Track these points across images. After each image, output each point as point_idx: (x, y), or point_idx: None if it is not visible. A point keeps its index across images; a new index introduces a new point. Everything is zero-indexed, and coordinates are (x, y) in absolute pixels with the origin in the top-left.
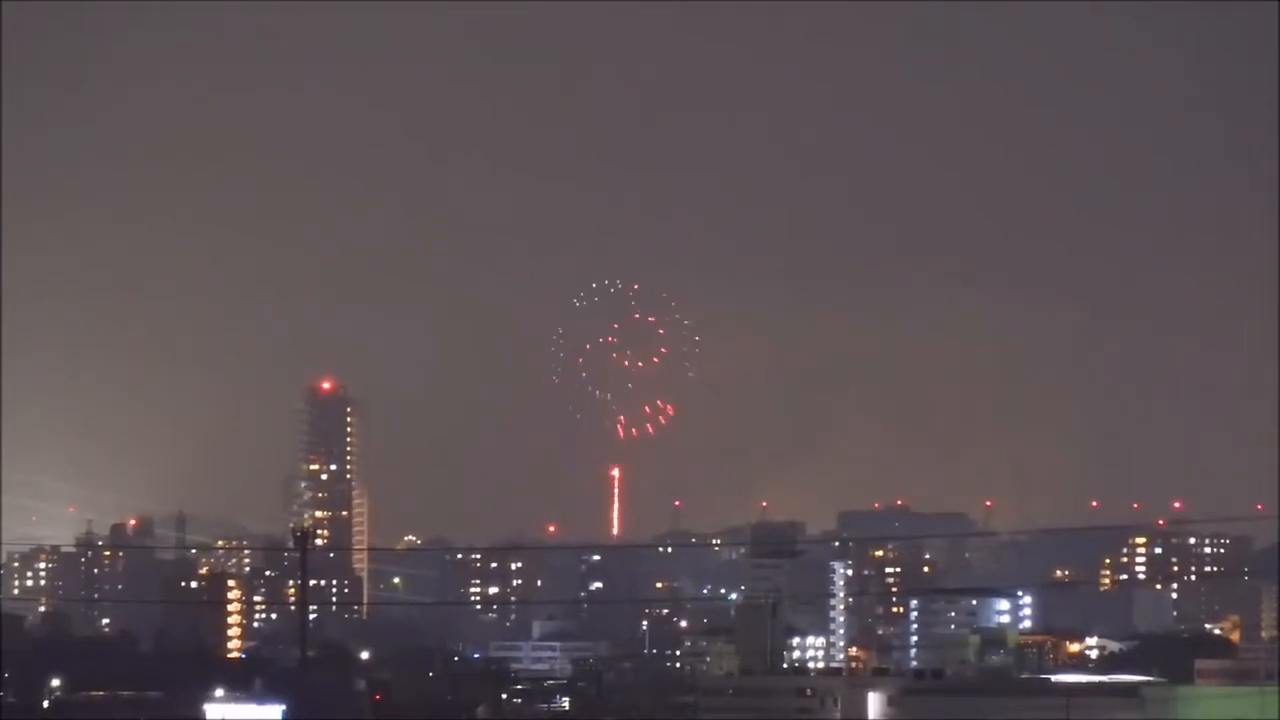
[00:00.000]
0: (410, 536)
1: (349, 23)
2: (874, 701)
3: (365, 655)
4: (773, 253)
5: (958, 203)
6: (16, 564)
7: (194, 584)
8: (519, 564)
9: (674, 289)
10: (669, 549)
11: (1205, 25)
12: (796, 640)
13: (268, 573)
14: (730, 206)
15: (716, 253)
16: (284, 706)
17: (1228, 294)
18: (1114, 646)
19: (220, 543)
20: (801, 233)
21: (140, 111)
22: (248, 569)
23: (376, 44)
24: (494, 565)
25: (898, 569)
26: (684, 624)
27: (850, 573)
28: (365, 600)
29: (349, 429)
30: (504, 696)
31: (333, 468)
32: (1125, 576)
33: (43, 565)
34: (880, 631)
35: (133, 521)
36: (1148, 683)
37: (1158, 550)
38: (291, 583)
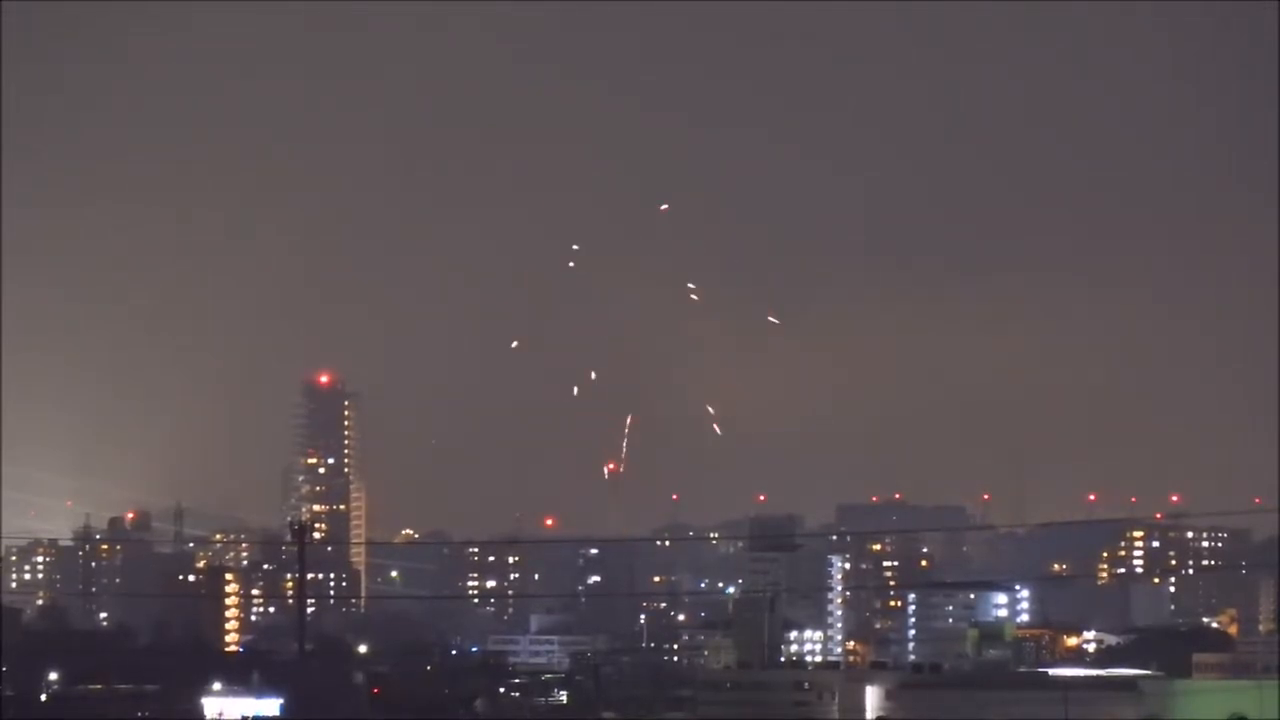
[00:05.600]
0: (408, 530)
1: (348, 20)
2: (872, 695)
3: (363, 649)
4: (770, 244)
5: (956, 197)
6: (14, 558)
7: (192, 578)
8: (516, 557)
9: (669, 284)
10: (667, 543)
11: (1205, 24)
12: (794, 634)
13: (265, 566)
14: (729, 199)
15: (711, 240)
16: (282, 700)
17: (1227, 289)
18: (1111, 640)
19: (218, 536)
20: (800, 229)
21: (139, 106)
22: (245, 563)
23: (374, 40)
24: (492, 559)
25: (895, 563)
26: (682, 618)
27: (848, 566)
28: (363, 594)
29: (346, 422)
30: (501, 690)
31: (330, 461)
32: (1123, 570)
33: (41, 559)
34: (878, 625)
35: (130, 515)
36: (1145, 676)
37: (1155, 544)
38: (289, 576)
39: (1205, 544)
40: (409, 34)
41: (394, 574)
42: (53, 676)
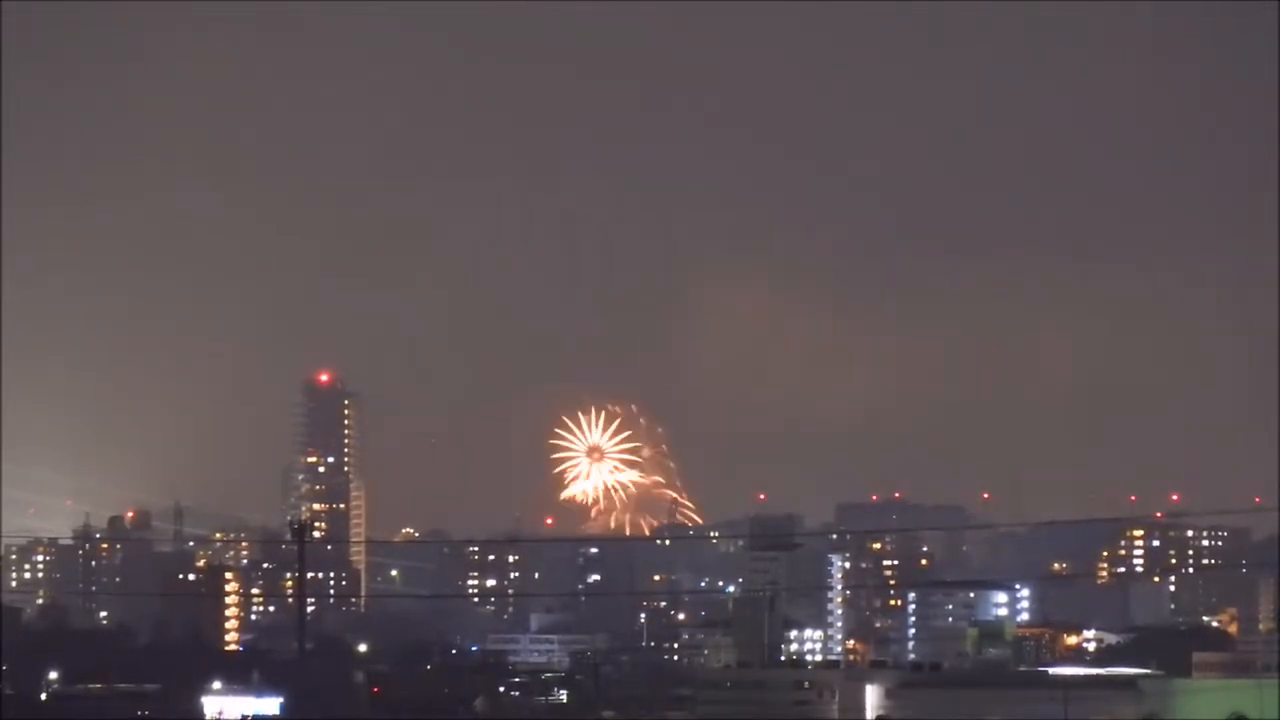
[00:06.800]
0: (408, 529)
1: (346, 16)
2: (871, 694)
3: (363, 648)
4: (770, 243)
5: (955, 197)
6: (14, 556)
7: (191, 576)
8: (516, 557)
9: (668, 279)
10: (667, 541)
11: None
12: (794, 633)
13: (265, 565)
14: (729, 193)
15: (711, 238)
16: (282, 699)
17: (1227, 288)
18: (1111, 639)
19: (218, 535)
20: (800, 224)
21: (141, 105)
22: (245, 561)
23: (374, 37)
24: (491, 558)
25: (895, 562)
26: (681, 616)
27: (848, 565)
28: (363, 593)
29: (346, 421)
30: (501, 689)
31: (330, 460)
32: (1123, 569)
33: (41, 558)
34: (878, 624)
35: (130, 514)
36: (1145, 675)
37: (1155, 543)
38: (289, 575)
39: (1205, 543)
40: (409, 33)
41: (394, 573)
42: (53, 676)
